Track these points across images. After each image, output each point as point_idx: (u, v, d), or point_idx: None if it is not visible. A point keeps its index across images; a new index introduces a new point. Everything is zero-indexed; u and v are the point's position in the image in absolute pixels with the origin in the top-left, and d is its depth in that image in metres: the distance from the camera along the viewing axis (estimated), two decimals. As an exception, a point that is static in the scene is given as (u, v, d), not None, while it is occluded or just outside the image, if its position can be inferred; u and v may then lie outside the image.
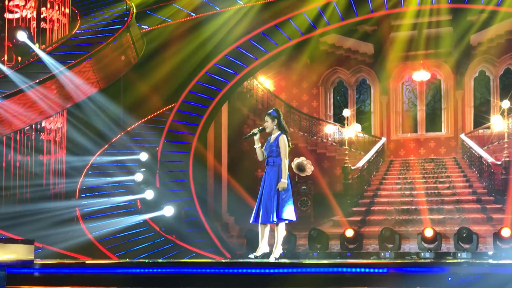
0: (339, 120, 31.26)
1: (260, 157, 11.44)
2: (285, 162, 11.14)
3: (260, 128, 11.38)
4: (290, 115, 31.54)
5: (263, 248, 11.27)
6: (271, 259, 11.10)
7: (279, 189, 11.09)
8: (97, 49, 19.19)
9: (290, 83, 31.76)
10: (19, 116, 17.78)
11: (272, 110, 11.46)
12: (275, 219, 11.09)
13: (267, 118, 11.35)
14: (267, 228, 11.30)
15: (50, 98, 18.11)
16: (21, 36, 18.30)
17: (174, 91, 23.93)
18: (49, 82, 18.03)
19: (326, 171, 29.44)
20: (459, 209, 24.58)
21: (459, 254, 19.47)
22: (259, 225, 11.31)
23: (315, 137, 31.21)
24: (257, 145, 11.34)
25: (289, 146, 11.26)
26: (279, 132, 11.29)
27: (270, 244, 11.44)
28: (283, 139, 11.19)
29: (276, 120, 11.30)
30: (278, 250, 11.28)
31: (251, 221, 11.38)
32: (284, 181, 11.06)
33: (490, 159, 25.74)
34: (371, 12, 24.24)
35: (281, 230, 11.30)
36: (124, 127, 22.93)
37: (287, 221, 11.29)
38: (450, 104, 31.07)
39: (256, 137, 11.32)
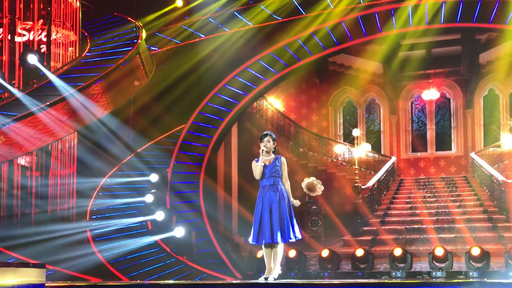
0: (349, 139, 31.26)
1: (259, 175, 11.48)
2: (288, 183, 11.46)
3: (266, 148, 11.44)
4: (299, 135, 31.58)
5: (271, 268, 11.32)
6: (270, 279, 11.11)
7: (294, 205, 11.37)
8: (107, 71, 19.29)
9: (299, 103, 31.80)
10: (30, 139, 17.85)
11: (270, 132, 11.61)
12: (293, 237, 11.21)
13: (269, 138, 11.45)
14: (273, 248, 11.33)
15: (61, 121, 18.18)
16: (32, 59, 18.42)
17: (184, 112, 24.01)
18: (59, 105, 18.12)
19: (337, 191, 29.40)
20: (470, 228, 24.49)
21: (470, 273, 19.39)
22: (264, 246, 11.35)
23: (325, 157, 31.20)
24: (261, 164, 11.42)
25: None
26: (277, 155, 11.47)
27: (281, 265, 11.50)
28: (285, 162, 11.46)
29: (275, 143, 11.48)
30: (277, 270, 11.31)
31: (257, 243, 11.37)
32: (294, 201, 11.34)
33: (500, 178, 25.67)
34: (379, 31, 24.29)
35: (280, 250, 11.36)
36: (134, 149, 23.00)
37: (295, 239, 11.39)
38: (459, 122, 31.05)
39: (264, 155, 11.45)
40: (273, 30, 24.23)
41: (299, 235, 11.35)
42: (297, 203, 11.38)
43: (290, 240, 11.30)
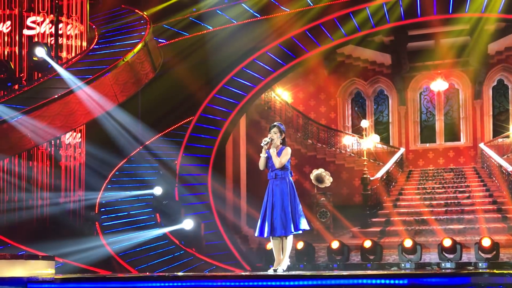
0: (357, 131, 31.21)
1: (262, 166, 11.42)
2: (282, 160, 11.12)
3: (271, 138, 11.35)
4: (308, 127, 31.55)
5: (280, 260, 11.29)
6: (279, 271, 11.08)
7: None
8: (114, 64, 19.28)
9: (307, 94, 31.76)
10: (39, 132, 17.87)
11: (279, 123, 11.44)
12: (293, 230, 11.08)
13: (275, 130, 11.27)
14: (282, 240, 11.28)
15: (69, 114, 18.19)
16: (40, 52, 18.41)
17: (192, 104, 24.02)
18: (67, 97, 18.13)
19: (345, 182, 29.39)
20: (479, 219, 24.43)
21: (480, 264, 19.35)
22: (272, 238, 11.29)
23: (333, 149, 31.17)
24: (264, 155, 11.31)
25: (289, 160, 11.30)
26: (283, 146, 11.31)
27: (290, 257, 11.46)
28: (288, 150, 11.21)
29: (283, 134, 11.34)
30: (286, 262, 11.27)
31: (262, 235, 11.28)
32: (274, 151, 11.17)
33: (510, 168, 25.59)
34: (387, 22, 24.23)
35: (289, 242, 11.29)
36: (143, 141, 23.01)
37: (301, 231, 11.30)
38: (468, 113, 30.97)
39: (266, 146, 11.31)
40: (281, 21, 24.20)
41: (305, 227, 11.22)
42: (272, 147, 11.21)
43: (293, 233, 11.19)
